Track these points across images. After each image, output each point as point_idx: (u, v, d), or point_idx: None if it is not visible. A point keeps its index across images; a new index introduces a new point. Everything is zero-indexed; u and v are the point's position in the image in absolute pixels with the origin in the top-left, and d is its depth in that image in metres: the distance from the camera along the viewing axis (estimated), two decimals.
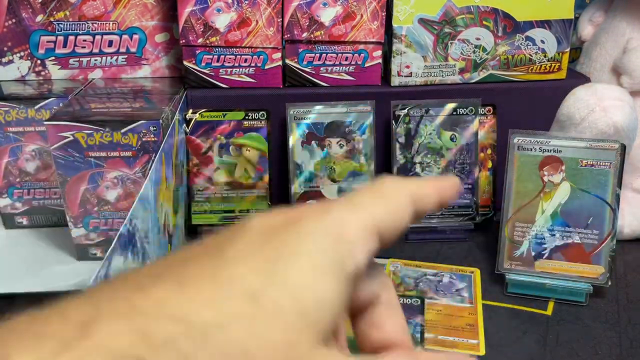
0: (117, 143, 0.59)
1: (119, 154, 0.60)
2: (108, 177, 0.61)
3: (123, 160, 0.60)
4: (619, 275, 0.63)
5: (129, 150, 0.60)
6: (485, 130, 0.72)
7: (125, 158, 0.60)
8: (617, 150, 0.58)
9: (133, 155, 0.60)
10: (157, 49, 0.74)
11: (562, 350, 0.53)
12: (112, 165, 0.60)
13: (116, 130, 0.59)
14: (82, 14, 0.70)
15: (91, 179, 0.61)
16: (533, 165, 0.60)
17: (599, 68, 0.75)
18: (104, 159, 0.60)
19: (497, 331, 0.55)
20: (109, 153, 0.60)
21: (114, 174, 0.60)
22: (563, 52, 0.72)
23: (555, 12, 0.70)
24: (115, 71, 0.74)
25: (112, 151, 0.60)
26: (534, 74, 0.73)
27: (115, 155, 0.60)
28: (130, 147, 0.60)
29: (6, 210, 0.70)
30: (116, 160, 0.60)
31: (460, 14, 0.70)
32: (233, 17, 0.68)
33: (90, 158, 0.60)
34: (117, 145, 0.59)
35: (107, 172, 0.60)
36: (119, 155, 0.60)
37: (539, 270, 0.60)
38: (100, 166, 0.60)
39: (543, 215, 0.60)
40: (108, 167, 0.60)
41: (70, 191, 0.61)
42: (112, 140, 0.59)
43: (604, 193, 0.59)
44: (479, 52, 0.72)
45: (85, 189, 0.61)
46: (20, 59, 0.71)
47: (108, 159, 0.60)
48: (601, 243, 0.59)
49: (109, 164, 0.60)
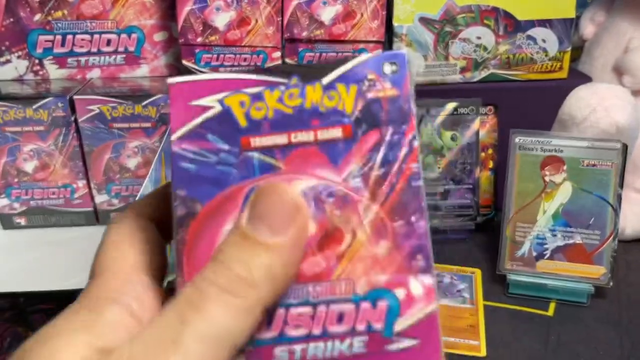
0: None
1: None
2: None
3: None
4: (620, 276, 0.63)
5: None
6: (486, 130, 0.72)
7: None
8: (619, 150, 0.58)
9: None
10: (156, 48, 0.73)
11: (563, 351, 0.52)
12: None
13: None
14: (80, 13, 0.70)
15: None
16: (534, 165, 0.60)
17: (601, 67, 0.75)
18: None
19: (498, 332, 0.55)
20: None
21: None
22: (564, 52, 0.72)
23: (556, 11, 0.70)
24: (113, 70, 0.73)
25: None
26: (535, 74, 0.73)
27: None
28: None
29: (4, 210, 0.70)
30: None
31: (461, 13, 0.70)
32: (232, 16, 0.68)
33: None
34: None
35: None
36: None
37: (540, 271, 0.60)
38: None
39: (544, 216, 0.60)
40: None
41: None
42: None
43: (606, 193, 0.58)
44: (479, 52, 0.71)
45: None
46: (18, 58, 0.71)
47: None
48: (603, 243, 0.59)
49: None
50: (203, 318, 0.18)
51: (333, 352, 0.21)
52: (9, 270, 0.63)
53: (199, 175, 0.22)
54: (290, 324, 0.21)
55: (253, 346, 0.21)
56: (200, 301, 0.19)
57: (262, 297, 0.19)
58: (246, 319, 0.19)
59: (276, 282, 0.20)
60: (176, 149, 0.23)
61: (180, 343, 0.18)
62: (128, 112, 0.66)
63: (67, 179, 0.69)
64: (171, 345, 0.18)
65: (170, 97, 0.23)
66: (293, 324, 0.21)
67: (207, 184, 0.22)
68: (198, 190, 0.22)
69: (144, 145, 0.68)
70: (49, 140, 0.67)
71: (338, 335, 0.21)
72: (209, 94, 0.23)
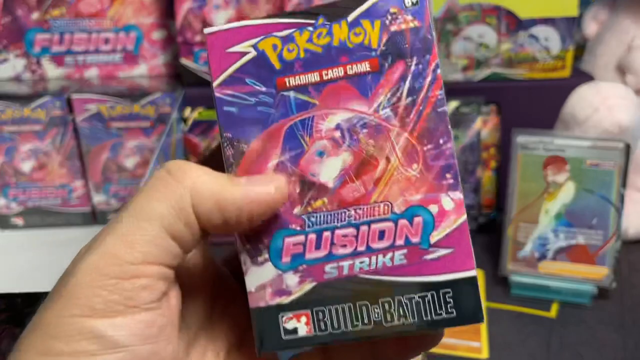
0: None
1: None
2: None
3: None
4: (623, 277, 0.62)
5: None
6: (488, 130, 0.71)
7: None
8: (622, 149, 0.57)
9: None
10: (154, 46, 0.73)
11: (566, 352, 0.52)
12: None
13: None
14: (78, 12, 0.69)
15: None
16: (537, 165, 0.59)
17: (604, 66, 0.74)
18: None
19: (500, 333, 0.54)
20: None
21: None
22: (567, 50, 0.71)
23: (559, 9, 0.70)
24: (111, 69, 0.73)
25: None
26: (538, 72, 0.72)
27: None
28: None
29: (1, 211, 0.69)
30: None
31: (463, 11, 0.69)
32: (231, 14, 0.67)
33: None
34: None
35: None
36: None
37: (543, 272, 0.59)
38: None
39: (547, 216, 0.59)
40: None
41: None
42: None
43: (609, 193, 0.58)
44: (481, 50, 0.71)
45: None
46: (15, 57, 0.70)
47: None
48: (605, 244, 0.58)
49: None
50: (137, 202, 0.21)
51: (377, 265, 0.24)
52: (6, 271, 0.62)
53: (241, 117, 0.24)
54: (337, 244, 0.24)
55: (307, 264, 0.24)
56: (140, 192, 0.22)
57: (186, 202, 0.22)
58: (175, 209, 0.21)
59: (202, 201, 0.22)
60: (218, 95, 0.24)
61: (116, 225, 0.21)
62: (126, 111, 0.66)
63: (65, 178, 0.69)
64: (111, 227, 0.21)
65: (208, 47, 0.24)
66: (339, 244, 0.24)
67: (250, 125, 0.24)
68: (242, 131, 0.24)
69: (142, 145, 0.67)
70: (47, 139, 0.67)
71: (380, 250, 0.24)
72: (244, 40, 0.24)
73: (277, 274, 0.24)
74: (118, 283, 0.20)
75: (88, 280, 0.20)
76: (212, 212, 0.22)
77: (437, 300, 0.23)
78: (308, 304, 0.24)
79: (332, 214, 0.24)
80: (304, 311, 0.24)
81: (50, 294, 0.21)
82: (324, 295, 0.24)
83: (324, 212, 0.24)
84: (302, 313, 0.24)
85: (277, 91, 0.24)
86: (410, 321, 0.23)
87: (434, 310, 0.23)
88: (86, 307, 0.20)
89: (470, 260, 0.23)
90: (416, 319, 0.23)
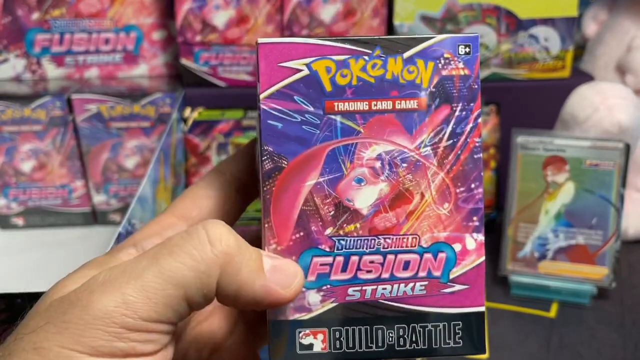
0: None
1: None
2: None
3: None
4: (623, 277, 0.62)
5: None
6: (488, 130, 0.71)
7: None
8: (622, 149, 0.57)
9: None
10: (154, 46, 0.73)
11: (565, 352, 0.52)
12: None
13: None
14: (78, 12, 0.69)
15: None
16: (536, 165, 0.59)
17: (603, 66, 0.74)
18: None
19: (500, 333, 0.54)
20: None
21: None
22: (567, 50, 0.71)
23: (558, 9, 0.70)
24: (111, 69, 0.73)
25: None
26: (538, 73, 0.72)
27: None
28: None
29: (1, 211, 0.69)
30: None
31: (463, 11, 0.69)
32: (232, 14, 0.67)
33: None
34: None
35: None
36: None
37: (543, 272, 0.59)
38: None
39: (547, 216, 0.59)
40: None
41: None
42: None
43: (608, 193, 0.58)
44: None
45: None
46: (15, 57, 0.70)
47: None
48: (605, 244, 0.58)
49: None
50: (168, 261, 0.22)
51: (398, 293, 0.25)
52: (6, 271, 0.62)
53: (285, 133, 0.24)
54: (362, 269, 0.25)
55: (331, 285, 0.25)
56: (175, 248, 0.22)
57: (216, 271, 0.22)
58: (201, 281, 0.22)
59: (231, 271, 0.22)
60: (265, 107, 0.24)
61: (142, 274, 0.21)
62: (126, 111, 0.66)
63: (65, 179, 0.69)
64: (134, 275, 0.21)
65: (259, 57, 0.24)
66: (365, 269, 0.25)
67: (292, 142, 0.25)
68: (284, 147, 0.25)
69: (142, 145, 0.67)
70: (47, 139, 0.67)
71: (403, 279, 0.25)
72: (298, 57, 0.24)
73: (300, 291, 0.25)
74: (126, 333, 0.21)
75: (99, 323, 0.21)
76: (230, 294, 0.23)
77: (448, 331, 0.25)
78: (327, 322, 0.25)
79: (362, 240, 0.25)
80: (321, 329, 0.25)
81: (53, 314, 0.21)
82: (343, 315, 0.25)
83: (354, 237, 0.25)
84: (319, 330, 0.25)
85: (325, 113, 0.25)
86: (420, 347, 0.25)
87: (443, 340, 0.25)
88: (90, 347, 0.21)
89: (482, 297, 0.25)
90: (426, 345, 0.25)
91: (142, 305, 0.21)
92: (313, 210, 0.25)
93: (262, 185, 0.24)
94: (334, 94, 0.25)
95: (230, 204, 0.27)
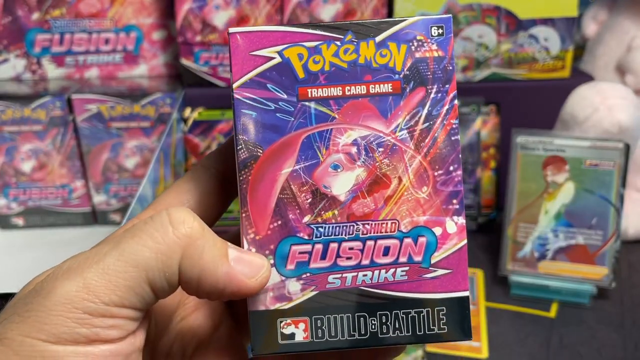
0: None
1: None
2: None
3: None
4: (623, 277, 0.62)
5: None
6: (488, 130, 0.71)
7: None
8: (622, 149, 0.57)
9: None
10: (154, 47, 0.73)
11: (565, 352, 0.52)
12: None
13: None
14: (78, 12, 0.69)
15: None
16: (536, 165, 0.59)
17: (603, 66, 0.74)
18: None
19: (500, 333, 0.54)
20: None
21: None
22: (567, 51, 0.71)
23: (558, 9, 0.70)
24: (111, 69, 0.73)
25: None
26: (537, 73, 0.72)
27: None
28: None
29: (1, 211, 0.69)
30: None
31: (463, 11, 0.69)
32: (232, 14, 0.67)
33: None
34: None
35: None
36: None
37: (543, 272, 0.59)
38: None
39: (546, 216, 0.59)
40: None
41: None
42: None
43: (608, 193, 0.58)
44: (481, 50, 0.71)
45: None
46: (16, 57, 0.70)
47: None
48: (605, 244, 0.58)
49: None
50: (130, 244, 0.21)
51: (379, 279, 0.25)
52: (6, 271, 0.62)
53: (259, 122, 0.24)
54: (342, 256, 0.25)
55: (310, 273, 0.24)
56: (137, 231, 0.22)
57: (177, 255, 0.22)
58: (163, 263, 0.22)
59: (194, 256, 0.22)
60: (238, 97, 0.24)
61: (103, 258, 0.21)
62: (126, 111, 0.66)
63: (65, 179, 0.69)
64: (96, 259, 0.21)
65: (230, 47, 0.24)
66: (345, 256, 0.25)
67: (267, 130, 0.24)
68: (259, 135, 0.24)
69: (142, 145, 0.67)
70: (47, 139, 0.67)
71: (384, 265, 0.25)
72: (269, 45, 0.24)
73: (280, 280, 0.24)
74: (89, 319, 0.21)
75: (60, 309, 0.21)
76: (192, 279, 0.22)
77: (431, 317, 0.25)
78: (308, 311, 0.24)
79: (340, 226, 0.25)
80: (303, 318, 0.24)
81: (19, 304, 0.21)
82: (324, 304, 0.25)
83: (333, 224, 0.25)
84: (301, 319, 0.24)
85: (298, 100, 0.24)
86: (404, 334, 0.25)
87: (427, 326, 0.25)
88: (52, 334, 0.20)
89: (466, 282, 0.25)
90: (410, 332, 0.25)
91: (104, 289, 0.21)
92: (290, 198, 0.24)
93: (238, 175, 0.24)
94: (307, 81, 0.24)
95: (213, 198, 0.27)
